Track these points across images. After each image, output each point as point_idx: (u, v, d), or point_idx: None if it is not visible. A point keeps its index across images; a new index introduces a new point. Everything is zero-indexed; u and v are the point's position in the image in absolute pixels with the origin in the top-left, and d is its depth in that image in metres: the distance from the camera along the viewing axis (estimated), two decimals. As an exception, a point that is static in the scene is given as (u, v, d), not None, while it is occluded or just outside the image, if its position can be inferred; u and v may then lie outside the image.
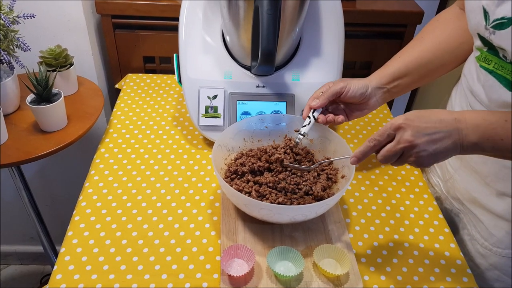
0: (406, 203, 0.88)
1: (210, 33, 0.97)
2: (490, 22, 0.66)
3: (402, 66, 0.81)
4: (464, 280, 0.75)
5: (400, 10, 1.25)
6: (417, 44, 0.83)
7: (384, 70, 0.83)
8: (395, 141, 0.64)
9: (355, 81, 0.80)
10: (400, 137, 0.63)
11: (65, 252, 0.75)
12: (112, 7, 1.18)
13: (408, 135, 0.62)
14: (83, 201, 0.85)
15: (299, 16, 0.88)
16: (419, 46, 0.82)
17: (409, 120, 0.63)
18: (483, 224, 0.80)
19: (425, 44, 0.82)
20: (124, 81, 1.21)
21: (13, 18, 0.94)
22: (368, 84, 0.80)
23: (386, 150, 0.65)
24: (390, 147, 0.64)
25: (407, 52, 0.83)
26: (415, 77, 0.82)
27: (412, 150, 0.62)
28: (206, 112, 0.95)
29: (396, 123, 0.63)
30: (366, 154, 0.68)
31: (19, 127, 1.00)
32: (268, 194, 0.77)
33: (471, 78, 0.77)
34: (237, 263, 0.72)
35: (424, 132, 0.62)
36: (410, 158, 0.64)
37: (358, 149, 0.68)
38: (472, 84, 0.77)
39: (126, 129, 1.03)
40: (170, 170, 0.93)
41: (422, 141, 0.62)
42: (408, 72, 0.81)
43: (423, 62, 0.81)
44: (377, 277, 0.74)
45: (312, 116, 0.82)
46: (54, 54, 1.05)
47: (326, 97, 0.80)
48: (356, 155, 0.69)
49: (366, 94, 0.80)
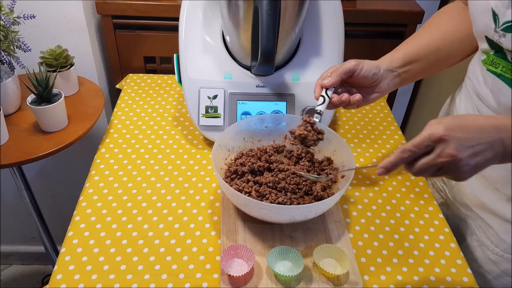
0: (407, 203, 0.88)
1: (210, 33, 0.97)
2: (500, 25, 0.64)
3: (412, 52, 0.79)
4: (465, 280, 0.74)
5: (400, 10, 1.25)
6: (425, 32, 0.82)
7: (394, 54, 0.80)
8: (434, 154, 0.57)
9: (368, 62, 0.76)
10: (441, 150, 0.56)
11: (66, 252, 0.75)
12: (113, 8, 1.19)
13: (451, 148, 0.56)
14: (84, 201, 0.85)
15: (299, 16, 0.88)
16: (427, 34, 0.81)
17: (451, 130, 0.56)
18: (493, 230, 0.78)
19: (433, 32, 0.81)
20: (125, 81, 1.21)
21: (13, 19, 0.95)
22: (379, 65, 0.77)
23: (423, 163, 0.58)
24: (429, 160, 0.57)
25: (415, 39, 0.81)
26: (424, 64, 0.80)
27: (455, 165, 0.57)
28: (206, 112, 0.95)
29: (437, 134, 0.56)
30: (396, 165, 0.60)
31: (20, 128, 1.00)
32: (268, 194, 0.77)
33: (476, 81, 0.76)
34: (237, 263, 0.72)
35: (467, 144, 0.56)
36: (450, 173, 0.58)
37: (388, 159, 0.61)
38: (478, 87, 0.76)
39: (126, 129, 1.03)
40: (171, 170, 0.93)
41: (465, 155, 0.56)
42: (418, 58, 0.79)
43: (432, 49, 0.79)
44: (377, 277, 0.74)
45: (325, 95, 0.76)
46: (55, 54, 1.05)
47: (339, 74, 0.75)
48: (385, 165, 0.61)
49: (379, 75, 0.77)
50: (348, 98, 0.76)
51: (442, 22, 0.82)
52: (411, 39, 0.82)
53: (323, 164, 0.85)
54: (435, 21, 0.83)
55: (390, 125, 1.10)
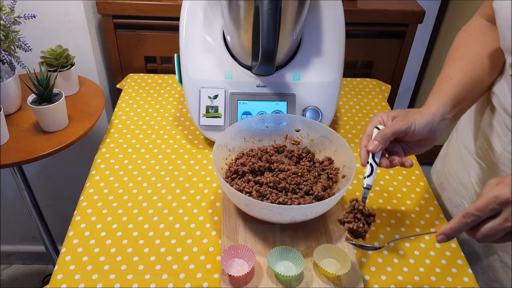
0: (407, 203, 0.88)
1: (210, 33, 0.97)
2: None
3: (460, 90, 0.71)
4: (465, 280, 0.74)
5: (402, 10, 1.25)
6: (463, 63, 0.73)
7: (442, 96, 0.70)
8: (502, 218, 0.53)
9: (418, 117, 0.67)
10: (510, 213, 0.53)
11: (66, 252, 0.75)
12: (113, 7, 1.19)
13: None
14: (84, 201, 0.85)
15: (299, 15, 0.88)
16: (466, 65, 0.73)
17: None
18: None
19: (471, 62, 0.73)
20: (125, 81, 1.21)
21: (14, 19, 0.95)
22: (433, 118, 0.68)
23: (490, 228, 0.54)
24: (496, 225, 0.53)
25: (457, 73, 0.72)
26: (470, 100, 0.73)
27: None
28: (207, 112, 0.95)
29: (504, 197, 0.52)
30: (459, 231, 0.56)
31: (20, 127, 1.00)
32: (269, 194, 0.77)
33: (503, 96, 0.72)
34: (238, 263, 0.72)
35: None
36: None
37: (449, 225, 0.57)
38: (505, 102, 0.71)
39: (127, 129, 1.03)
40: (171, 170, 0.93)
41: None
42: (465, 95, 0.71)
43: (477, 82, 0.72)
44: (377, 277, 0.74)
45: (373, 162, 0.69)
46: (55, 54, 1.05)
47: (387, 139, 0.68)
48: (445, 232, 0.57)
49: (433, 129, 0.68)
50: (400, 161, 0.70)
51: (476, 48, 0.74)
52: (452, 74, 0.72)
53: (324, 164, 0.85)
54: (467, 47, 0.74)
55: (391, 125, 1.10)
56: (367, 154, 0.69)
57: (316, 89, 0.96)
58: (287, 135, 0.90)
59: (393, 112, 0.71)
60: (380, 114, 0.72)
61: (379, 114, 0.72)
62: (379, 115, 0.72)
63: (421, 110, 0.69)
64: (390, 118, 0.70)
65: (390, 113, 0.71)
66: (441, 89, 0.71)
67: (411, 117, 0.67)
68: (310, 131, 0.88)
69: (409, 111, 0.69)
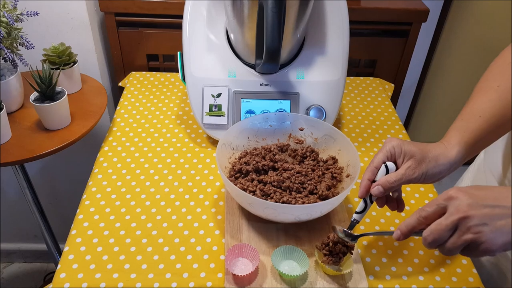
0: (411, 202, 0.88)
1: (214, 31, 0.96)
2: None
3: (486, 130, 0.65)
4: (470, 280, 0.74)
5: (405, 8, 1.24)
6: (495, 97, 0.66)
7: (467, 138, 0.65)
8: (446, 214, 0.54)
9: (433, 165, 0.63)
10: (453, 208, 0.53)
11: (69, 251, 0.75)
12: (116, 5, 1.18)
13: (463, 204, 0.52)
14: (87, 199, 0.84)
15: (303, 14, 0.87)
16: (499, 100, 0.65)
17: (463, 189, 0.54)
18: None
19: (504, 98, 0.65)
20: (128, 79, 1.21)
21: (16, 16, 0.94)
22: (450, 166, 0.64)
23: (435, 223, 0.54)
24: (440, 220, 0.54)
25: (487, 110, 0.65)
26: (493, 139, 0.68)
27: (469, 222, 0.52)
28: (210, 110, 0.94)
29: (448, 193, 0.54)
30: (413, 228, 0.58)
31: (23, 125, 0.99)
32: (273, 193, 0.77)
33: None
34: (242, 262, 0.72)
35: (484, 203, 0.52)
36: (467, 235, 0.52)
37: (405, 221, 0.59)
38: None
39: (129, 127, 1.03)
40: (174, 168, 0.92)
41: (481, 213, 0.51)
42: (491, 136, 0.67)
43: (507, 121, 0.66)
44: (382, 277, 0.73)
45: (369, 201, 0.68)
46: (58, 52, 1.04)
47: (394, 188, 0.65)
48: (400, 228, 0.59)
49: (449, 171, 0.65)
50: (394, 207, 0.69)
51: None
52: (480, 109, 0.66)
53: (328, 163, 0.85)
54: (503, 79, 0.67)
55: (394, 124, 1.09)
56: (368, 191, 0.67)
57: (320, 88, 0.96)
58: (291, 134, 0.89)
59: (408, 146, 0.65)
60: (393, 144, 0.66)
61: (392, 143, 0.66)
62: (391, 144, 0.66)
63: (439, 153, 0.64)
64: (402, 156, 0.65)
65: (405, 145, 0.65)
66: (467, 128, 0.65)
67: (425, 165, 0.63)
68: (314, 130, 0.88)
69: (426, 153, 0.64)
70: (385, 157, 0.66)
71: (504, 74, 0.67)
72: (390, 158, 0.66)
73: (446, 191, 0.55)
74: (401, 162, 0.65)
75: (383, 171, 0.66)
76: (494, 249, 0.52)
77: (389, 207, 0.70)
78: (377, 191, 0.65)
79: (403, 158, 0.65)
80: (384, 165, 0.66)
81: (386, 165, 0.66)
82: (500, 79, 0.67)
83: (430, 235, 0.55)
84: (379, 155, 0.67)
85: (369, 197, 0.68)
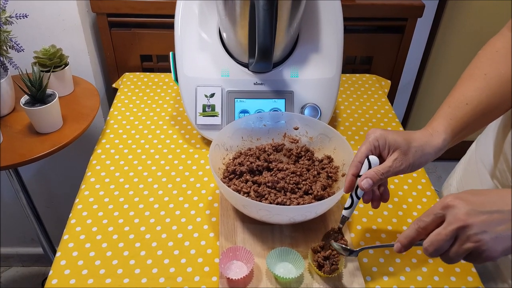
0: (409, 201, 0.87)
1: (206, 30, 0.95)
2: None
3: (473, 117, 0.65)
4: (469, 280, 0.73)
5: (400, 4, 1.23)
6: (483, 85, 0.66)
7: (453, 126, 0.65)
8: (445, 223, 0.53)
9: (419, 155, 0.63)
10: (451, 216, 0.52)
11: (61, 256, 0.74)
12: (107, 6, 1.17)
13: (461, 213, 0.51)
14: (79, 203, 0.83)
15: (296, 11, 0.86)
16: (487, 89, 0.65)
17: (460, 196, 0.53)
18: None
19: (492, 86, 0.65)
20: (121, 80, 1.20)
21: (5, 19, 0.93)
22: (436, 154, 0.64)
23: (434, 233, 0.53)
24: (439, 230, 0.53)
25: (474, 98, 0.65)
26: (478, 127, 0.67)
27: (468, 231, 0.51)
28: (203, 110, 0.93)
29: (445, 201, 0.53)
30: (413, 239, 0.56)
31: (14, 129, 0.98)
32: (267, 194, 0.75)
33: None
34: (236, 265, 0.70)
35: (482, 210, 0.51)
36: (467, 244, 0.51)
37: (404, 232, 0.57)
38: None
39: (123, 129, 1.01)
40: (168, 170, 0.91)
41: (480, 220, 0.50)
42: (477, 124, 0.66)
43: (494, 109, 0.66)
44: (379, 277, 0.72)
45: (355, 196, 0.66)
46: (49, 54, 1.03)
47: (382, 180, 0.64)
48: (400, 240, 0.57)
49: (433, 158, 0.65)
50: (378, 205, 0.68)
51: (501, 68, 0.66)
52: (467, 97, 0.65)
53: (323, 162, 0.83)
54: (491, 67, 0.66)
55: (391, 122, 1.08)
56: (353, 186, 0.66)
57: (315, 86, 0.95)
58: (286, 133, 0.88)
59: (393, 136, 0.64)
60: (376, 136, 0.64)
61: (375, 134, 0.65)
62: (374, 136, 0.64)
63: (424, 142, 0.63)
64: (387, 148, 0.64)
65: (389, 136, 0.64)
66: (454, 116, 0.65)
67: (411, 155, 0.62)
68: (309, 129, 0.87)
69: (410, 143, 0.63)
70: (368, 150, 0.65)
71: (491, 62, 0.67)
72: (374, 151, 0.65)
73: (442, 198, 0.54)
74: (387, 154, 0.64)
75: (366, 166, 0.65)
76: (496, 255, 0.51)
77: (373, 206, 0.68)
78: (366, 184, 0.63)
79: (388, 150, 0.64)
80: (367, 159, 0.65)
81: (369, 159, 0.65)
82: (488, 67, 0.67)
83: (431, 246, 0.54)
84: (362, 148, 0.65)
85: (355, 193, 0.66)
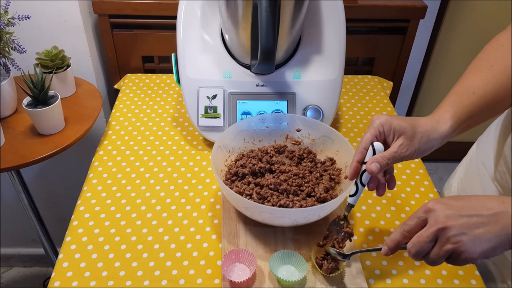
0: (412, 203, 0.86)
1: (208, 31, 0.95)
2: None
3: (479, 107, 0.65)
4: (473, 283, 0.73)
5: (403, 5, 1.23)
6: (489, 76, 0.66)
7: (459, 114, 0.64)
8: (427, 226, 0.55)
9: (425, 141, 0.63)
10: (432, 219, 0.54)
11: (63, 258, 0.74)
12: (109, 7, 1.17)
13: (442, 216, 0.53)
14: (82, 205, 0.83)
15: (299, 13, 0.86)
16: (493, 80, 0.65)
17: (442, 200, 0.55)
18: None
19: (498, 77, 0.65)
20: (123, 82, 1.20)
21: (7, 20, 0.93)
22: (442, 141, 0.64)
23: (416, 236, 0.55)
24: (421, 232, 0.55)
25: (481, 88, 0.65)
26: (484, 118, 0.68)
27: (448, 233, 0.53)
28: (205, 112, 0.93)
29: (427, 205, 0.55)
30: (398, 242, 0.58)
31: (16, 131, 0.98)
32: (270, 197, 0.75)
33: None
34: (239, 268, 0.70)
35: (461, 213, 0.53)
36: (447, 245, 0.53)
37: (390, 236, 0.59)
38: None
39: (124, 130, 1.01)
40: (170, 172, 0.91)
41: (459, 223, 0.52)
42: (483, 114, 0.66)
43: (500, 101, 0.66)
44: (382, 280, 0.72)
45: (360, 183, 0.67)
46: (51, 55, 1.03)
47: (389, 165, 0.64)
48: (387, 244, 0.59)
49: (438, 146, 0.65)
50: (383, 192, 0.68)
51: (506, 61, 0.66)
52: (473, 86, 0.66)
53: (326, 164, 0.83)
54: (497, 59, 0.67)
55: (394, 123, 1.08)
56: (357, 173, 0.66)
57: (317, 88, 0.94)
58: (288, 135, 0.88)
59: (398, 122, 0.63)
60: (381, 122, 0.64)
61: (380, 120, 0.64)
62: (379, 122, 0.64)
63: (430, 128, 0.63)
64: (392, 133, 0.64)
65: (394, 121, 0.64)
66: (460, 103, 0.65)
67: (417, 141, 0.63)
68: (311, 131, 0.87)
69: (416, 128, 0.63)
70: (373, 136, 0.65)
71: (497, 55, 0.67)
72: (379, 137, 0.65)
73: (425, 203, 0.56)
74: (392, 140, 0.64)
75: (370, 153, 0.65)
76: (475, 257, 0.53)
77: (378, 193, 0.68)
78: (374, 167, 0.62)
79: (393, 136, 0.64)
80: (371, 145, 0.65)
81: (373, 145, 0.64)
82: (493, 59, 0.67)
83: (413, 247, 0.56)
84: (367, 134, 0.65)
85: (360, 180, 0.66)
